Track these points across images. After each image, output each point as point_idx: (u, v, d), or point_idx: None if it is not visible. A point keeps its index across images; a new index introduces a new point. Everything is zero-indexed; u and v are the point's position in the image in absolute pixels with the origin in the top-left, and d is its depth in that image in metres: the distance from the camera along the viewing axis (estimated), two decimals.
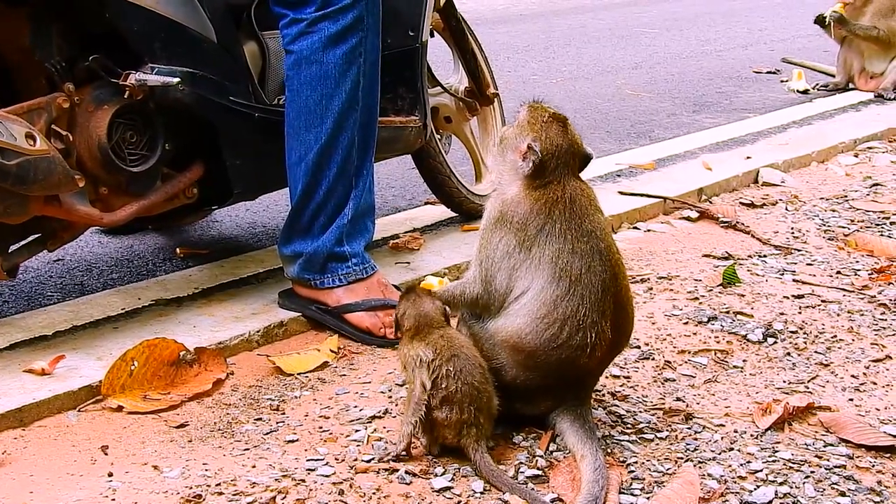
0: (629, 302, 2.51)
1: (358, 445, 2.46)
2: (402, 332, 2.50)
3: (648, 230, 4.13)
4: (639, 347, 3.00)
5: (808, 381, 2.84)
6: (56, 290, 3.44)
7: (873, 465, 2.43)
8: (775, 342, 3.07)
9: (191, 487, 2.27)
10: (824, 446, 2.51)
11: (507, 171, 2.51)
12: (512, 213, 2.43)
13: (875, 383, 2.85)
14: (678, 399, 2.72)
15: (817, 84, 7.06)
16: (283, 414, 2.63)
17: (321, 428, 2.55)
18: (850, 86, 6.96)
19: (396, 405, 2.66)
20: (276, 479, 2.30)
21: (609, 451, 2.45)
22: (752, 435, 2.55)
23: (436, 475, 2.33)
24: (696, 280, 3.55)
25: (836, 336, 3.12)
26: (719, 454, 2.46)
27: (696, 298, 3.39)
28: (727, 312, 3.27)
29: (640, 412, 2.64)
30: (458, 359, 2.38)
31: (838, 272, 3.65)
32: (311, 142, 3.02)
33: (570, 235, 2.39)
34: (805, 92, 6.94)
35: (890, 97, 6.62)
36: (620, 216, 4.16)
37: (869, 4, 6.69)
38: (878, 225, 4.17)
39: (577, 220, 2.41)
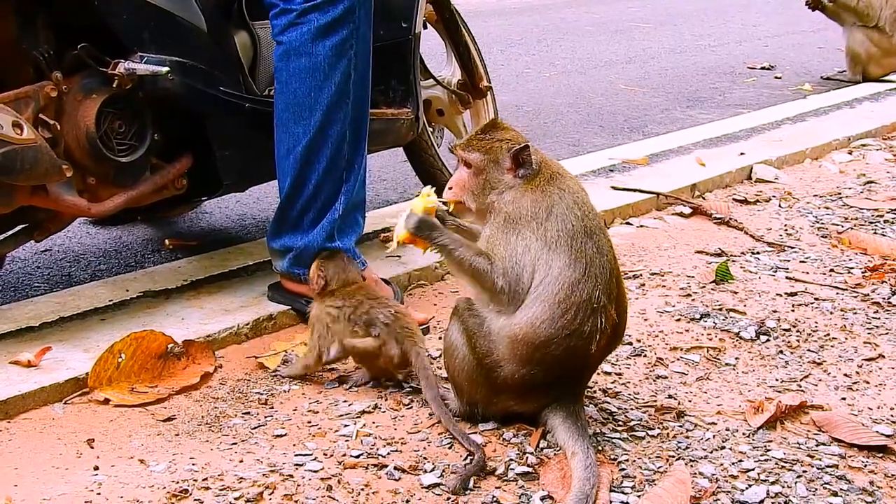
0: (622, 286, 2.52)
1: (346, 441, 2.44)
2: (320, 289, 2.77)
3: (641, 226, 4.10)
4: (631, 344, 2.98)
5: (801, 380, 2.82)
6: (43, 280, 3.41)
7: (865, 465, 2.41)
8: (768, 340, 3.05)
9: (177, 482, 2.25)
10: (816, 445, 2.49)
11: (494, 187, 2.48)
12: (517, 210, 2.42)
13: (868, 382, 2.83)
14: (670, 396, 2.70)
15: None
16: (272, 408, 2.61)
17: (310, 423, 2.53)
18: None
19: (386, 400, 2.64)
20: (263, 475, 2.28)
21: (600, 448, 2.43)
22: (744, 433, 2.53)
23: (425, 471, 2.31)
24: (688, 276, 3.53)
25: (829, 334, 3.11)
26: (711, 453, 2.44)
27: (689, 295, 3.37)
28: (720, 309, 3.25)
29: (632, 409, 2.62)
30: (363, 288, 2.75)
31: (832, 270, 3.63)
32: (299, 134, 2.98)
33: (577, 212, 2.40)
34: None
35: None
36: (613, 211, 4.14)
37: None
38: (871, 223, 4.15)
39: (577, 196, 2.43)
